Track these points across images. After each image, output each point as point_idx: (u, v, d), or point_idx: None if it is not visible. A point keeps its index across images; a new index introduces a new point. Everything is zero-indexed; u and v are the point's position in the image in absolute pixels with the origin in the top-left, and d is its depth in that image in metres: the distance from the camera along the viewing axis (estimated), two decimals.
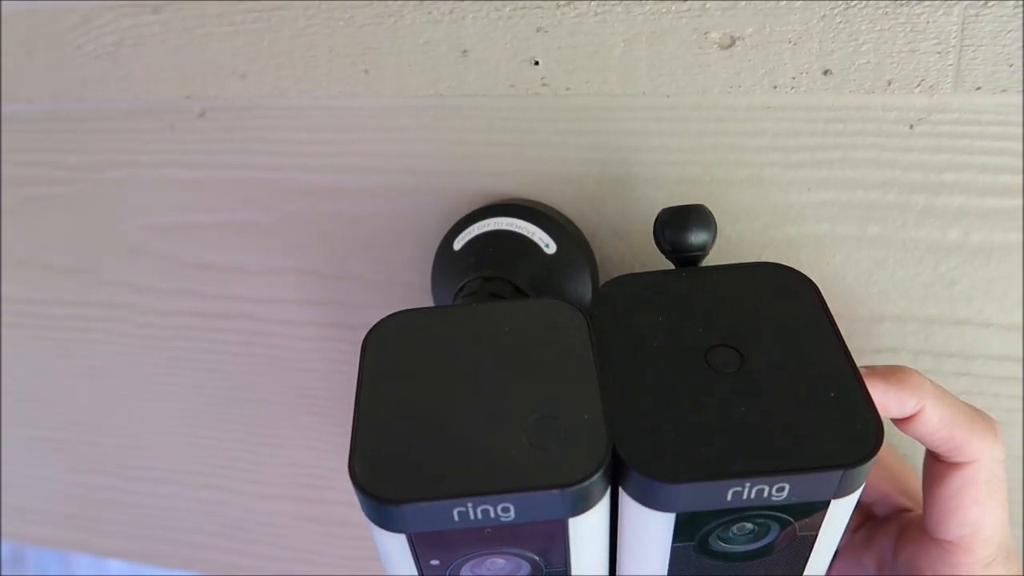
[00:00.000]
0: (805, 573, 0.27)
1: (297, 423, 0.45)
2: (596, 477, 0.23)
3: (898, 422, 0.27)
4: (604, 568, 0.27)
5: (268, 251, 0.42)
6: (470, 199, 0.39)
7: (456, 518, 0.23)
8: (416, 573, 0.25)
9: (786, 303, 0.27)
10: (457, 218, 0.38)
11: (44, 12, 0.41)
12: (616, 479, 0.24)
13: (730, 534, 0.25)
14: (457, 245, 0.37)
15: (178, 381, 0.46)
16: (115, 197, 0.44)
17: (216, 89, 0.39)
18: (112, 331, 0.46)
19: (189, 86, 0.40)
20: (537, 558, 0.25)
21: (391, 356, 0.27)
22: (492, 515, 0.23)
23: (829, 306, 0.27)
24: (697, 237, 0.30)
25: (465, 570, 0.26)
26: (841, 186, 0.34)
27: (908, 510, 0.32)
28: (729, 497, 0.23)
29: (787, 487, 0.23)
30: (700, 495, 0.23)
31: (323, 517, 0.47)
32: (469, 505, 0.23)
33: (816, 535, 0.25)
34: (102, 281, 0.46)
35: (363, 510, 0.24)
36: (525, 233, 0.35)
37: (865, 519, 0.34)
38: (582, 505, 0.23)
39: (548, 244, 0.35)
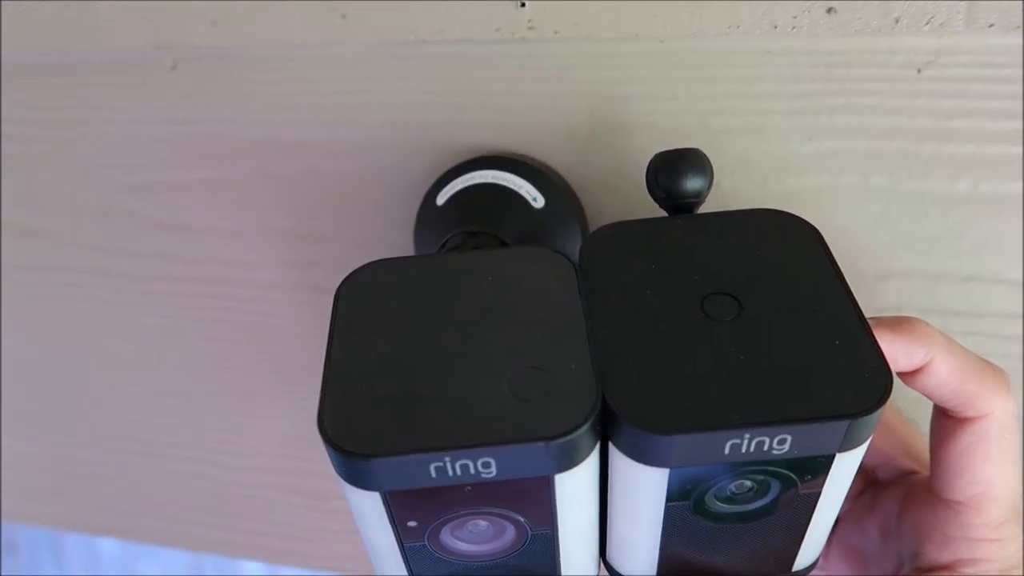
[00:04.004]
0: (807, 536, 0.26)
1: (275, 392, 0.43)
2: (584, 429, 0.21)
3: (905, 376, 0.26)
4: (594, 531, 0.26)
5: (243, 211, 0.41)
6: (453, 153, 0.37)
7: (433, 474, 0.21)
8: (393, 537, 0.24)
9: (787, 250, 0.26)
10: (440, 173, 0.36)
11: None
12: (606, 433, 0.23)
13: (727, 493, 0.24)
14: (440, 200, 0.35)
15: (152, 349, 0.45)
16: (84, 156, 0.42)
17: (187, 37, 0.37)
18: (83, 297, 0.44)
19: (158, 35, 0.38)
20: (522, 519, 0.23)
21: (365, 306, 0.25)
22: (472, 471, 0.21)
23: None
24: (692, 183, 0.28)
25: (445, 534, 0.24)
26: (844, 135, 0.32)
27: (914, 472, 0.30)
28: (727, 451, 0.21)
29: (789, 439, 0.21)
30: (695, 448, 0.21)
31: (305, 489, 0.45)
32: (447, 460, 0.21)
33: (819, 493, 0.24)
34: (71, 244, 0.44)
35: (334, 467, 0.22)
36: (511, 186, 0.34)
37: (868, 484, 0.32)
38: (569, 460, 0.22)
39: (536, 198, 0.34)
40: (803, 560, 0.27)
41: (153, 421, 0.46)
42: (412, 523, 0.23)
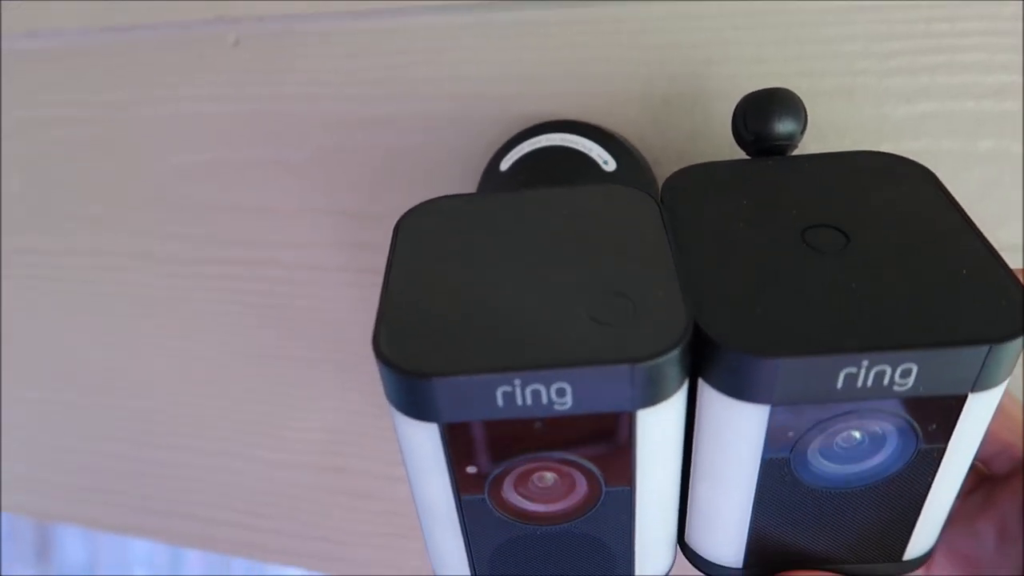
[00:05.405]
0: (924, 511, 0.22)
1: (326, 382, 0.41)
2: (674, 354, 0.18)
3: None
4: (675, 497, 0.23)
5: (301, 190, 0.39)
6: (521, 125, 0.35)
7: (500, 401, 0.19)
8: (449, 487, 0.21)
9: (899, 188, 0.23)
10: None
11: None
12: (696, 372, 0.20)
13: (834, 448, 0.21)
14: (504, 166, 0.33)
15: (200, 337, 0.43)
16: (135, 136, 0.41)
17: (248, 7, 0.37)
18: (129, 282, 0.43)
19: (220, 4, 0.37)
20: (596, 470, 0.21)
21: (428, 236, 0.23)
22: (544, 400, 0.19)
23: None
24: (784, 125, 0.26)
25: (507, 487, 0.21)
26: (946, 95, 0.30)
27: None
28: (840, 383, 0.18)
29: (915, 370, 0.18)
30: (803, 378, 0.18)
31: (348, 489, 0.42)
32: (517, 383, 0.18)
33: (944, 450, 0.20)
34: (119, 227, 0.43)
35: (386, 393, 0.20)
36: (581, 149, 0.32)
37: (980, 479, 0.28)
38: (655, 393, 0.19)
39: (607, 161, 0.32)
40: (916, 547, 0.23)
41: (193, 413, 0.45)
42: (472, 468, 0.20)
